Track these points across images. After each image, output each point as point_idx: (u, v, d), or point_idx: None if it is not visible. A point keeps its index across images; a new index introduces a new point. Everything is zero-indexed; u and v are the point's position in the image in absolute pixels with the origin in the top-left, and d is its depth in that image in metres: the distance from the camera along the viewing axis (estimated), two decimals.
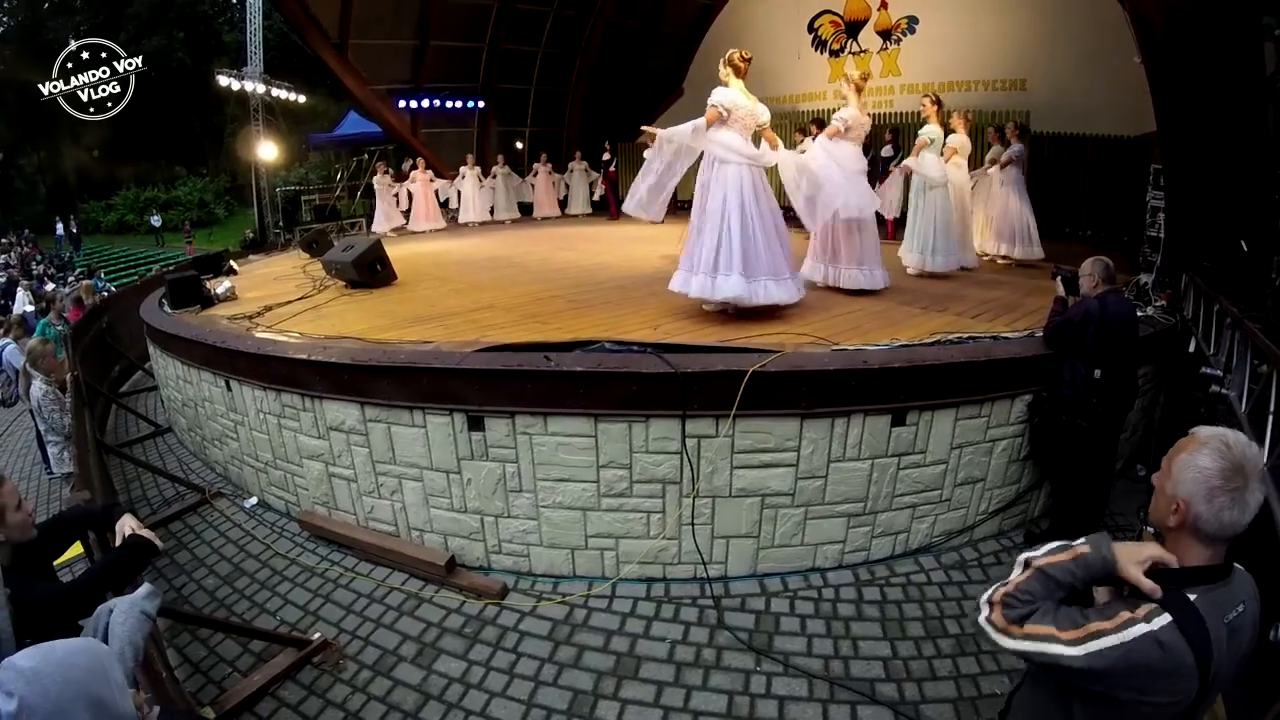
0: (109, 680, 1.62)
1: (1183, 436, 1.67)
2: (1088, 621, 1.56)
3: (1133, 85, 7.84)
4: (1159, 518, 1.66)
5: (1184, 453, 1.60)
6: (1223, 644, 1.56)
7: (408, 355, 4.70)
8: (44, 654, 1.57)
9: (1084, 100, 10.49)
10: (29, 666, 1.53)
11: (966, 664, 3.75)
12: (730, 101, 5.34)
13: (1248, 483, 1.54)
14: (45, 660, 1.56)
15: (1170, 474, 1.62)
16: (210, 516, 5.79)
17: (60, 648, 1.62)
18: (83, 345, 8.26)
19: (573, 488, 4.41)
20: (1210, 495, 1.55)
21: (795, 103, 13.93)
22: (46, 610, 2.40)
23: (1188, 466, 1.58)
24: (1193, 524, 1.58)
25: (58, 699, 1.51)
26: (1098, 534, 1.69)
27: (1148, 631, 1.50)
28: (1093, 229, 10.69)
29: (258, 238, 18.16)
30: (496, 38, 15.26)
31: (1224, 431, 1.60)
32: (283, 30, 21.88)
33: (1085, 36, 10.29)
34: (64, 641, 1.67)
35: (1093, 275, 4.59)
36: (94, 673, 1.60)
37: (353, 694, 3.76)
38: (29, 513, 2.61)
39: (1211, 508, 1.55)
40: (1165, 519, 1.63)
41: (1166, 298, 6.03)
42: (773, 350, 4.39)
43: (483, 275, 8.50)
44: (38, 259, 27.67)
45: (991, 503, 4.86)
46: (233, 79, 16.88)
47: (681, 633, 4.06)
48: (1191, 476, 1.57)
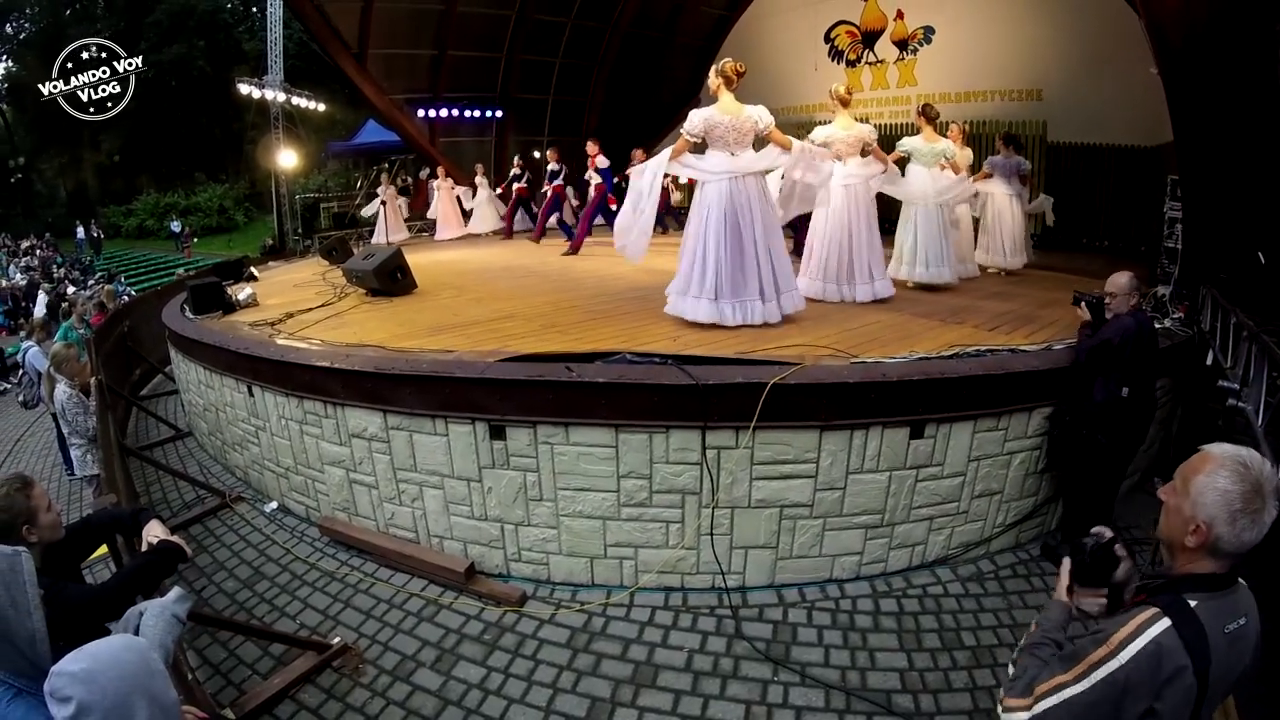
0: (155, 673, 1.66)
1: (1195, 453, 1.69)
2: (1084, 654, 1.62)
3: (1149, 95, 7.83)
4: (1174, 536, 1.69)
5: (1201, 475, 1.62)
6: (1221, 652, 1.59)
7: (430, 364, 4.74)
8: (91, 655, 1.60)
9: (1100, 110, 10.46)
10: (81, 669, 1.55)
11: (982, 676, 3.76)
12: (702, 126, 5.38)
13: (1265, 503, 1.58)
14: (95, 660, 1.58)
15: (1188, 495, 1.63)
16: (230, 520, 5.83)
17: (105, 647, 1.65)
18: (105, 349, 8.35)
19: (593, 497, 4.44)
20: (1233, 518, 1.58)
21: (811, 113, 13.93)
22: (78, 612, 2.42)
23: (1208, 489, 1.60)
24: (1213, 544, 1.61)
25: (115, 695, 1.54)
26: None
27: (1144, 646, 1.55)
28: (1110, 239, 10.66)
29: (277, 244, 18.27)
30: (514, 48, 15.36)
31: (1238, 451, 1.63)
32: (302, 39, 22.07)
33: (1101, 46, 10.26)
34: (104, 642, 1.69)
35: (1130, 292, 4.45)
36: (143, 665, 1.64)
37: (372, 698, 3.79)
38: (58, 513, 2.64)
39: (1233, 529, 1.58)
40: (1182, 539, 1.65)
41: (1184, 310, 6.01)
42: (792, 362, 4.41)
43: (501, 284, 8.54)
44: (58, 262, 27.98)
45: (1009, 515, 4.86)
46: (253, 87, 17.03)
47: (699, 642, 4.07)
48: (1213, 499, 1.59)
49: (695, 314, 5.55)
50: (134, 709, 1.56)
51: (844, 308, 6.47)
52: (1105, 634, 1.61)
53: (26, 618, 1.94)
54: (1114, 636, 1.59)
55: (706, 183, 5.46)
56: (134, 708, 1.56)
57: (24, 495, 2.47)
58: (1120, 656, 1.56)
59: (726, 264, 5.44)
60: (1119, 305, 4.45)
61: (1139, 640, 1.56)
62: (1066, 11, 10.88)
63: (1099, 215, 10.82)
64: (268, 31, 17.40)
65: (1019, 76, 11.75)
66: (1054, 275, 8.16)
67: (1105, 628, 1.63)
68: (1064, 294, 6.87)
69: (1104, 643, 1.59)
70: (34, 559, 2.23)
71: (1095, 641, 1.62)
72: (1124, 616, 1.63)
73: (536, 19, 14.97)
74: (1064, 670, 1.64)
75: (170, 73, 34.35)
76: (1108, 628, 1.63)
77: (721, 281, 5.46)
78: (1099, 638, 1.62)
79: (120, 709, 1.54)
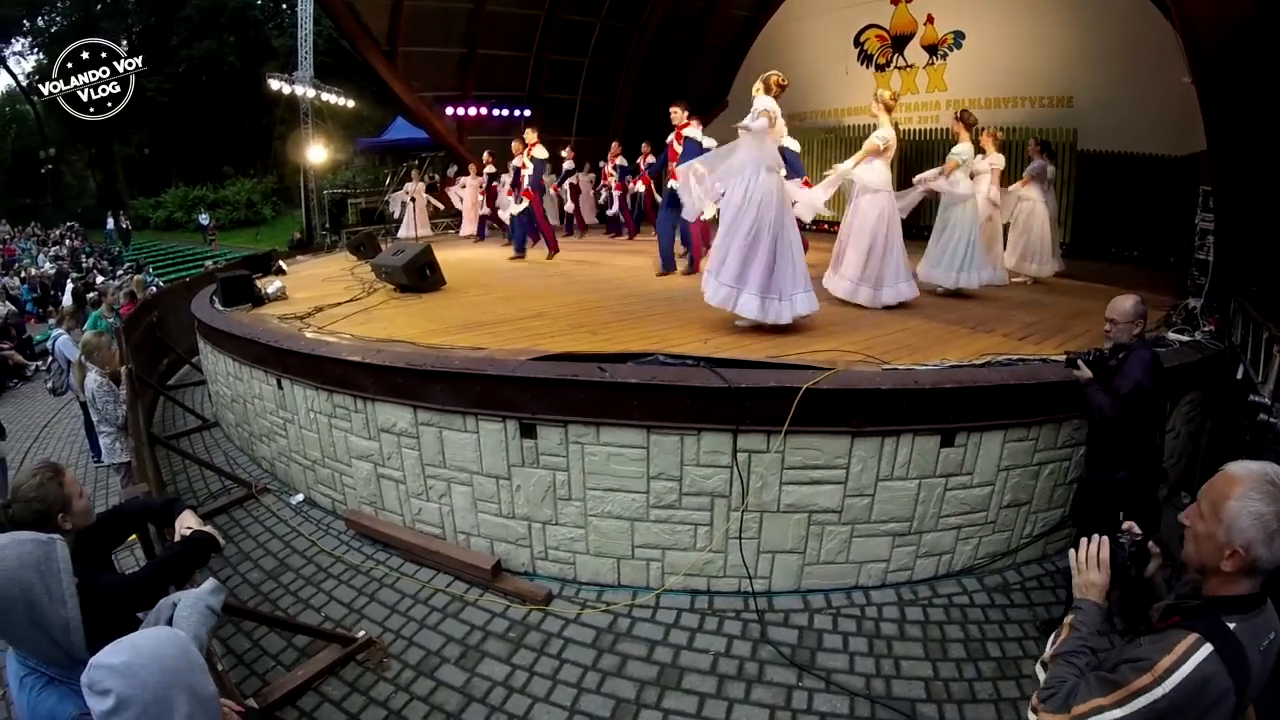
0: (195, 666, 1.63)
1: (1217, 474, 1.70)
2: (1125, 680, 1.61)
3: (1180, 104, 7.78)
4: (1207, 561, 1.68)
5: (1232, 500, 1.62)
6: (1258, 668, 1.61)
7: (461, 361, 4.77)
8: (131, 648, 1.58)
9: (1131, 119, 10.35)
10: (120, 662, 1.53)
11: (1007, 688, 3.74)
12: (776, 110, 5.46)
13: None
14: (135, 653, 1.56)
15: (1220, 521, 1.62)
16: (256, 511, 5.89)
17: (145, 639, 1.63)
18: (134, 339, 8.44)
19: (622, 498, 4.44)
20: (1269, 539, 1.58)
21: (840, 117, 13.91)
22: (110, 601, 2.44)
23: (1242, 514, 1.60)
24: (1250, 566, 1.61)
25: (156, 688, 1.52)
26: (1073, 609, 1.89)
27: (1190, 674, 1.54)
28: (1139, 250, 10.55)
29: (305, 239, 18.40)
30: (543, 48, 15.45)
31: (1264, 468, 1.63)
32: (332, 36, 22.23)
33: (1133, 54, 10.17)
34: (144, 634, 1.68)
35: (1135, 320, 3.81)
36: (184, 659, 1.61)
37: (396, 693, 3.81)
38: (89, 500, 2.66)
39: (1270, 549, 1.58)
40: (1217, 564, 1.65)
41: (1214, 323, 5.94)
42: (824, 367, 4.40)
43: (529, 283, 8.58)
44: (87, 252, 28.32)
45: (1036, 526, 4.82)
46: (284, 83, 17.14)
47: (724, 645, 4.07)
48: (1249, 524, 1.59)
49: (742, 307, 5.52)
50: (174, 703, 1.54)
51: (874, 313, 6.46)
52: (1149, 662, 1.60)
53: (61, 606, 1.95)
54: (1158, 665, 1.58)
55: (766, 171, 5.47)
56: (174, 702, 1.54)
57: (56, 483, 2.48)
58: (1165, 685, 1.56)
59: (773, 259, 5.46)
60: (1120, 333, 3.84)
61: (1183, 668, 1.56)
62: (1097, 19, 10.79)
63: (1128, 225, 10.70)
64: (298, 28, 17.54)
65: (1049, 83, 11.66)
66: (1083, 285, 8.09)
67: (1148, 654, 1.62)
68: (1094, 304, 6.83)
69: (1147, 671, 1.59)
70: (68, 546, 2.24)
71: (1137, 669, 1.61)
72: (1164, 642, 1.62)
73: (566, 19, 15.03)
74: (1103, 694, 1.64)
75: (200, 68, 34.76)
76: (1150, 654, 1.61)
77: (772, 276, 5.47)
78: (1141, 666, 1.61)
79: (160, 703, 1.53)
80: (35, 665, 1.99)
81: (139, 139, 37.23)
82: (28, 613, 1.90)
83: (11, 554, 1.91)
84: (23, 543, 1.95)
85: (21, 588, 1.89)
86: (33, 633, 1.93)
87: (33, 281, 21.89)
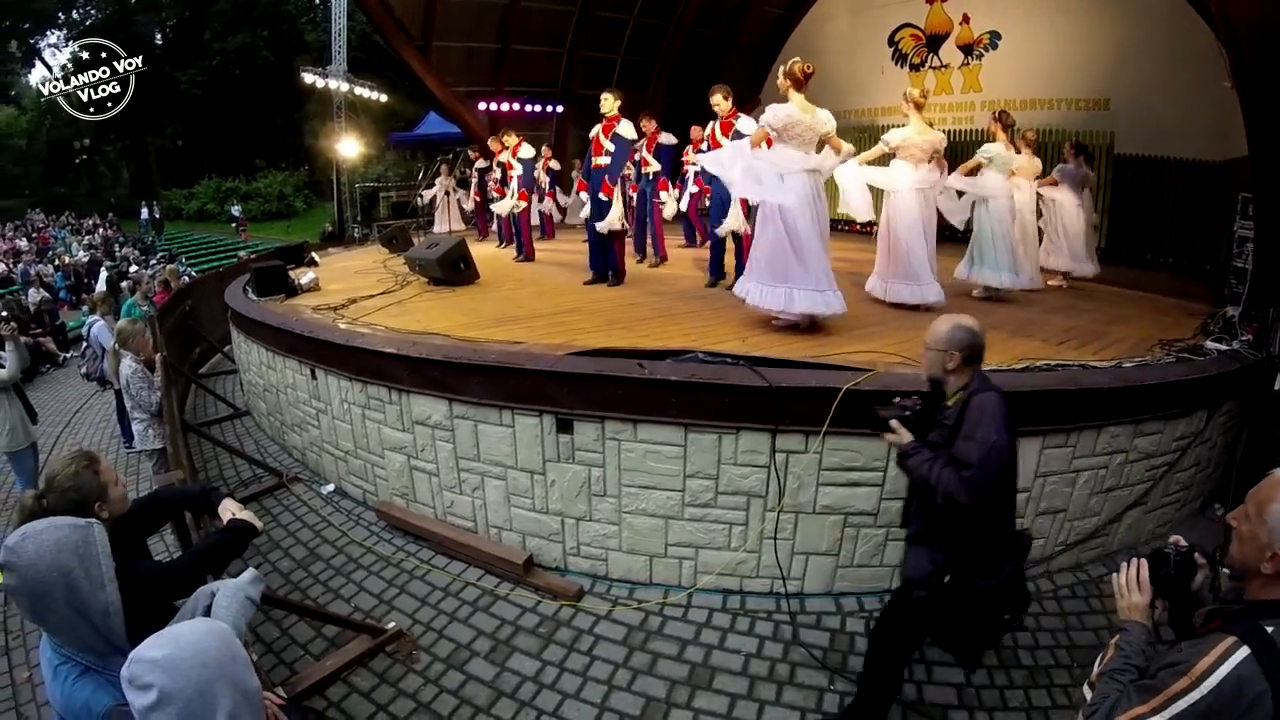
0: (238, 659, 1.60)
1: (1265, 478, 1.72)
2: (1163, 686, 1.63)
3: (1219, 109, 7.64)
4: (1249, 563, 1.70)
5: (1275, 502, 1.64)
6: None
7: (498, 355, 4.78)
8: (173, 641, 1.55)
9: (1168, 122, 10.16)
10: (162, 655, 1.51)
11: (1038, 696, 3.70)
12: (784, 121, 5.31)
13: None
14: (178, 646, 1.53)
15: (1265, 523, 1.65)
16: (287, 500, 5.95)
17: (187, 632, 1.61)
18: (167, 327, 8.54)
19: (657, 495, 4.44)
20: None
21: (875, 116, 13.77)
22: (148, 588, 2.40)
23: None
24: None
25: (199, 683, 1.50)
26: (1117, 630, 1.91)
27: (1226, 676, 1.55)
28: (1174, 256, 10.37)
29: (336, 231, 18.54)
30: (577, 44, 15.39)
31: None
32: (364, 30, 22.37)
33: (1171, 57, 9.98)
34: (186, 626, 1.66)
35: (951, 348, 2.89)
36: (226, 652, 1.58)
37: (425, 685, 3.83)
38: (124, 486, 2.65)
39: None
40: (1258, 565, 1.67)
41: (1252, 331, 5.82)
42: (864, 369, 4.36)
43: (561, 279, 8.58)
44: (120, 241, 28.73)
45: (1070, 535, 4.76)
46: (317, 77, 17.28)
47: (756, 646, 4.06)
48: None
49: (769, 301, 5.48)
50: (217, 697, 1.52)
51: (911, 315, 6.38)
52: (1186, 665, 1.62)
53: (100, 590, 1.94)
54: (1195, 668, 1.59)
55: (787, 175, 5.41)
56: (217, 696, 1.52)
57: (92, 472, 2.47)
58: (1201, 688, 1.57)
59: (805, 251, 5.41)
60: (933, 365, 2.97)
61: (1220, 671, 1.57)
62: (1135, 20, 10.61)
63: (1164, 231, 10.52)
64: (331, 23, 17.67)
65: (1086, 85, 11.48)
66: (1119, 291, 7.97)
67: (1186, 658, 1.63)
68: (1130, 310, 6.81)
69: (1184, 674, 1.60)
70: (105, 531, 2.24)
71: (1175, 673, 1.63)
72: (1202, 646, 1.63)
73: (600, 15, 14.96)
74: (1142, 701, 1.65)
75: (234, 61, 35.15)
76: (1188, 658, 1.63)
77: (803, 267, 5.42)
78: (1179, 669, 1.62)
79: (203, 697, 1.51)
80: (70, 654, 1.97)
81: (172, 131, 37.74)
82: (67, 597, 1.89)
83: (49, 539, 1.91)
84: (60, 527, 1.95)
85: (61, 572, 1.88)
86: (72, 618, 1.92)
87: (67, 269, 22.26)
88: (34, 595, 1.88)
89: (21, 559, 1.87)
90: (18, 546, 1.89)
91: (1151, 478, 4.81)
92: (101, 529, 2.03)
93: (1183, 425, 4.81)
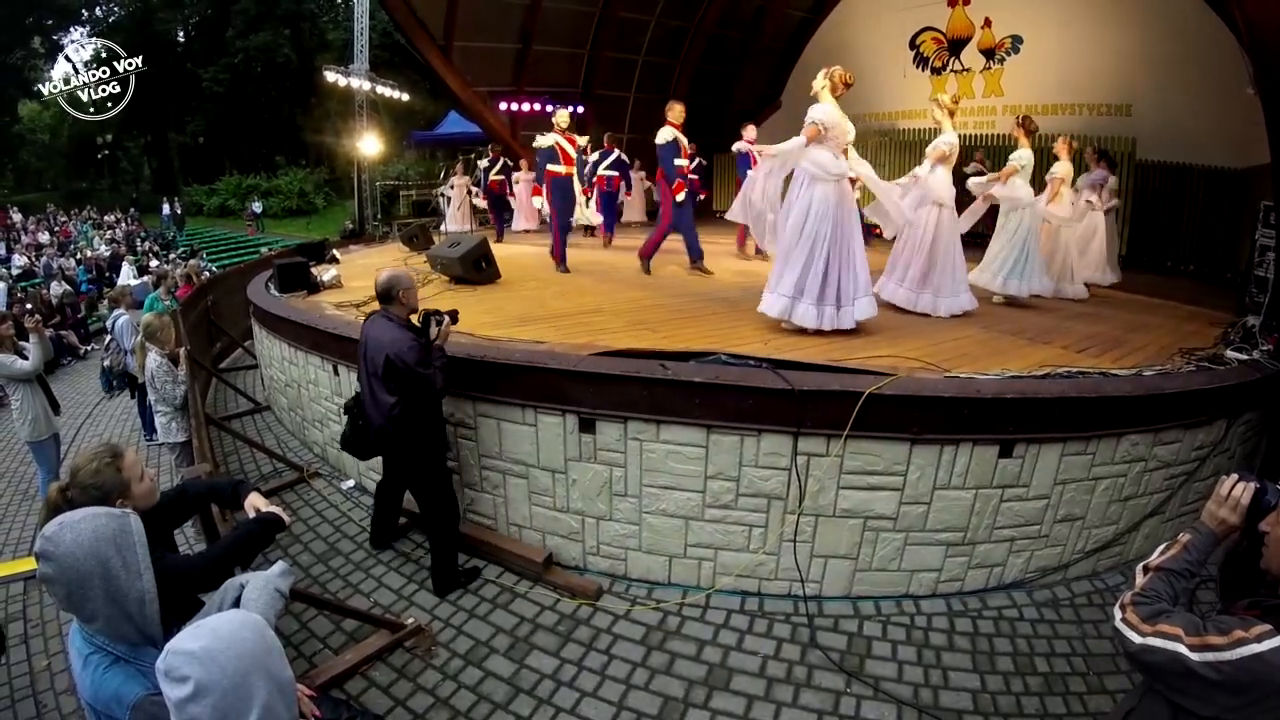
0: (273, 650, 1.64)
1: None
2: (1206, 634, 1.68)
3: (1241, 116, 7.60)
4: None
5: None
6: None
7: (522, 354, 4.80)
8: (210, 633, 1.58)
9: (1190, 129, 10.14)
10: (199, 647, 1.54)
11: (1054, 704, 3.70)
12: (829, 119, 5.35)
13: None
14: (215, 638, 1.56)
15: None
16: (307, 495, 5.98)
17: (223, 623, 1.63)
18: (189, 321, 8.61)
19: (678, 496, 4.46)
20: None
21: (895, 120, 13.78)
22: (177, 581, 2.41)
23: None
24: None
25: (234, 674, 1.53)
26: (1194, 523, 1.93)
27: (1259, 652, 1.60)
28: (1195, 264, 10.32)
29: (356, 229, 18.62)
30: (598, 44, 15.47)
31: None
32: (386, 29, 22.51)
33: (1194, 63, 9.98)
34: (221, 618, 1.69)
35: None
36: (261, 643, 1.62)
37: (443, 681, 3.85)
38: (152, 479, 2.62)
39: None
40: None
41: (1273, 342, 5.79)
42: (886, 373, 4.37)
43: (584, 279, 8.59)
44: (142, 236, 28.97)
45: (1089, 542, 4.76)
46: (339, 75, 17.37)
47: (774, 648, 4.07)
48: None
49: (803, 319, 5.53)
50: (253, 688, 1.55)
51: (932, 321, 6.41)
52: (1228, 626, 1.67)
53: (137, 579, 1.96)
54: (1234, 632, 1.65)
55: (822, 181, 5.43)
56: (253, 687, 1.55)
57: (114, 468, 2.44)
58: (1234, 651, 1.63)
59: (842, 264, 5.46)
60: None
61: (1253, 646, 1.61)
62: (1157, 26, 10.60)
63: (1185, 238, 10.48)
64: (354, 22, 17.73)
65: (1108, 91, 11.46)
66: (1140, 299, 7.94)
67: (1229, 625, 1.68)
68: (1151, 318, 6.78)
69: (1225, 634, 1.65)
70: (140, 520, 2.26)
71: (1219, 629, 1.68)
72: (1244, 622, 1.68)
73: (621, 16, 15.02)
74: (1186, 631, 1.70)
75: (256, 59, 35.38)
76: (1231, 625, 1.68)
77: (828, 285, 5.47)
78: (1222, 628, 1.68)
79: (240, 689, 1.53)
80: (102, 643, 1.98)
81: (194, 127, 37.99)
82: (104, 586, 1.91)
83: (88, 527, 1.92)
84: (97, 516, 1.96)
85: (99, 561, 1.90)
86: (107, 607, 1.93)
87: (89, 263, 22.47)
88: (71, 584, 1.90)
89: (60, 548, 1.88)
90: (55, 536, 1.90)
91: (1170, 487, 4.80)
92: (137, 518, 2.05)
93: (1202, 435, 4.80)
